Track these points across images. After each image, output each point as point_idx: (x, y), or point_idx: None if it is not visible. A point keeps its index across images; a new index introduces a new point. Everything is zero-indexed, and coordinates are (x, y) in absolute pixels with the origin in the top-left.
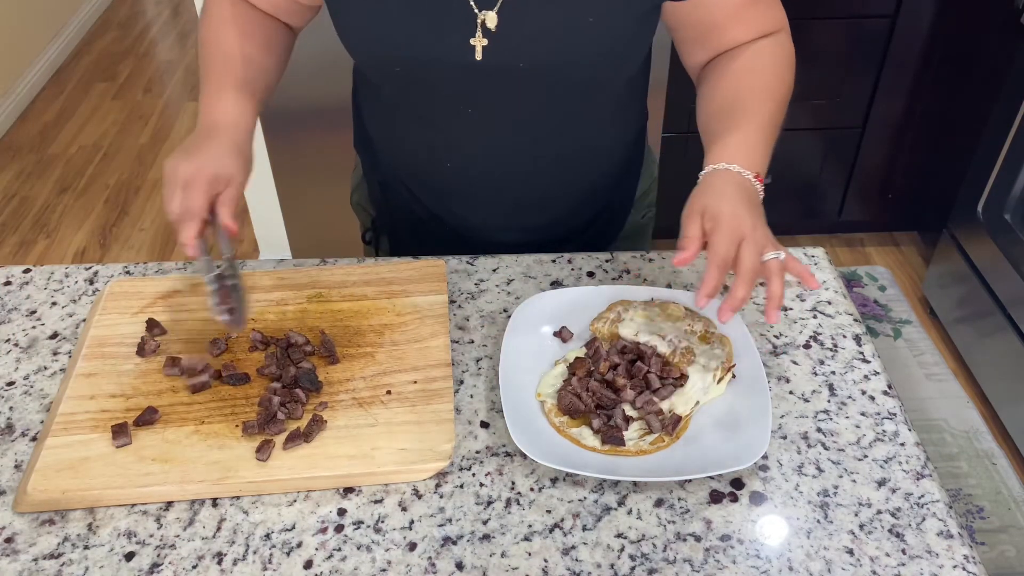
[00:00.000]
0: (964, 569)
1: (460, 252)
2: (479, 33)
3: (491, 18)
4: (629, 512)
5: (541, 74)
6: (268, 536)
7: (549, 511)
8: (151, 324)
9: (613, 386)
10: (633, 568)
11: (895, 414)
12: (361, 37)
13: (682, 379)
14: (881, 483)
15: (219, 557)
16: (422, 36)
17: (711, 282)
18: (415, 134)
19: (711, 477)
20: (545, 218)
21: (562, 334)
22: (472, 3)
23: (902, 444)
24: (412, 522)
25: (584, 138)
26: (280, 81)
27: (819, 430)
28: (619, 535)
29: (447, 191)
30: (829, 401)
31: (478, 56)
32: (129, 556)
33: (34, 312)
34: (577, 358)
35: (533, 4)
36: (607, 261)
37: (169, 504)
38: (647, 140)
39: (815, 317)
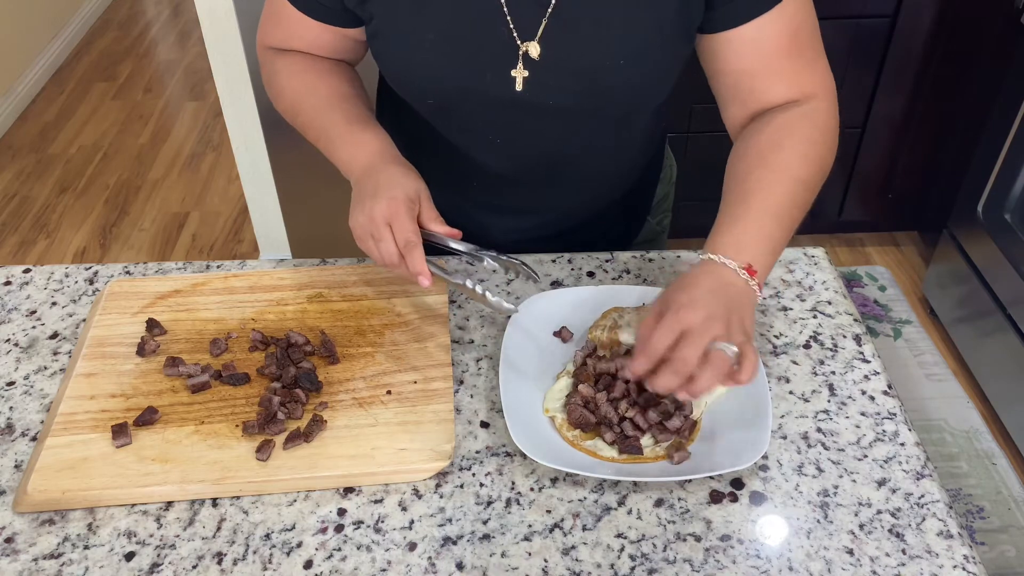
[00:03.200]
0: (964, 569)
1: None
2: (520, 64)
3: (534, 48)
4: (629, 512)
5: (573, 109)
6: (268, 536)
7: (549, 511)
8: (151, 324)
9: (633, 423)
10: (633, 568)
11: (895, 414)
12: (398, 68)
13: None
14: (881, 483)
15: (219, 557)
16: (462, 70)
17: (634, 366)
18: (442, 156)
19: (711, 477)
20: (564, 228)
21: (562, 334)
22: (515, 35)
23: (902, 444)
24: (412, 522)
25: (610, 162)
26: None
27: (819, 430)
28: (619, 535)
29: (469, 206)
30: (829, 401)
31: (518, 87)
32: (129, 556)
33: (34, 312)
34: (580, 367)
35: (570, 38)
36: (607, 261)
37: (169, 504)
38: (666, 147)
39: (815, 317)
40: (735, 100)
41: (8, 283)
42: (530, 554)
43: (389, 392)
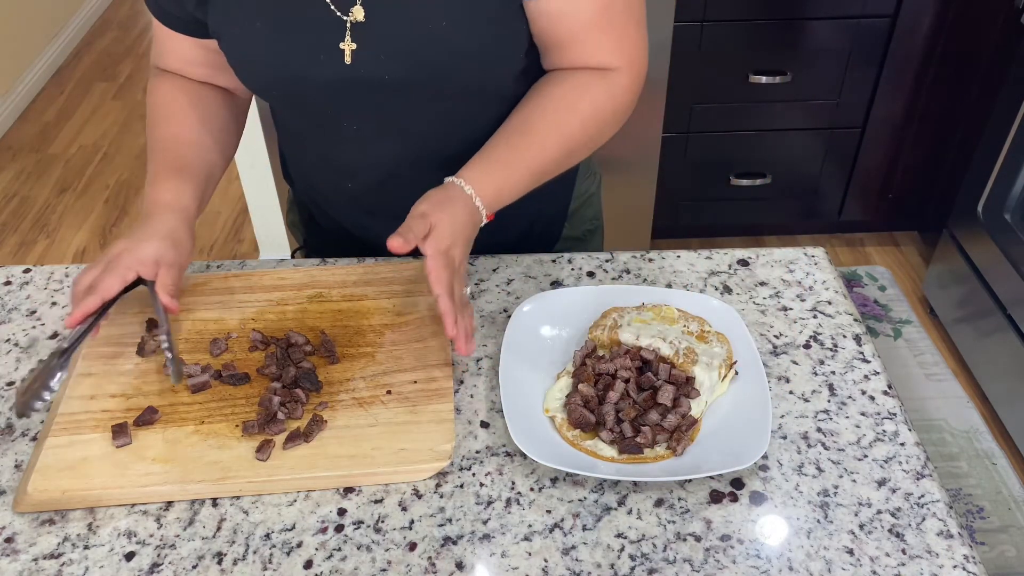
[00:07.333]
0: (964, 569)
1: None
2: (348, 36)
3: (358, 11)
4: (629, 512)
5: (412, 81)
6: (268, 536)
7: (549, 511)
8: (151, 324)
9: (632, 423)
10: (633, 568)
11: (895, 414)
12: (236, 63)
13: (690, 383)
14: (881, 483)
15: (219, 557)
16: (293, 54)
17: (453, 315)
18: (313, 157)
19: (711, 477)
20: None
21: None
22: (334, 9)
23: (902, 444)
24: (412, 522)
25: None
26: (233, 153)
27: (819, 430)
28: (619, 535)
29: (359, 209)
30: (829, 401)
31: (347, 60)
32: (129, 556)
33: (34, 312)
34: (580, 367)
35: (393, 8)
36: (607, 261)
37: (169, 504)
38: (588, 160)
39: (815, 317)
40: (547, 56)
41: (8, 283)
42: (530, 554)
43: (389, 392)
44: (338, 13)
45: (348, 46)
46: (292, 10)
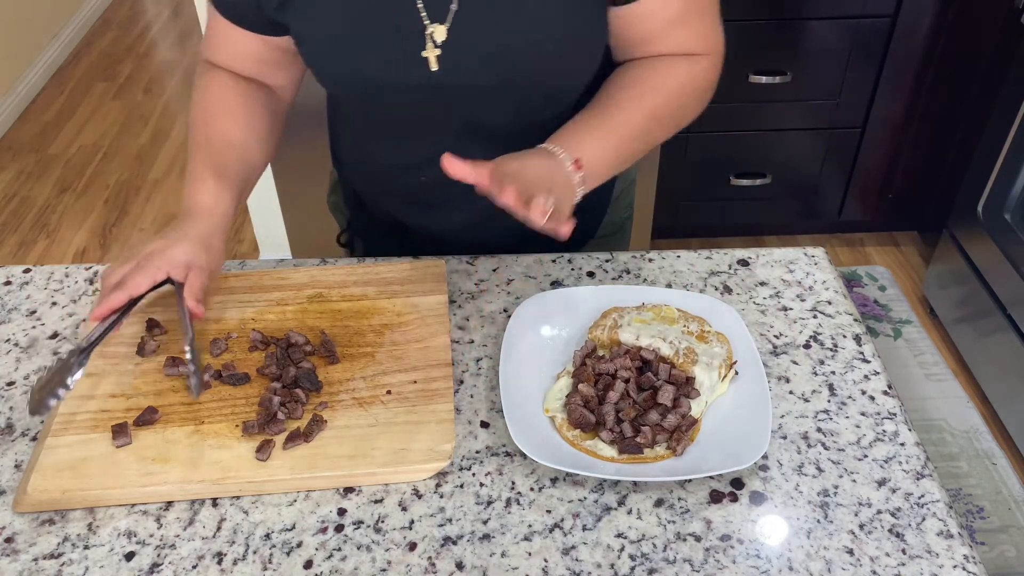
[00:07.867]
0: (964, 569)
1: (437, 255)
2: (429, 44)
3: (440, 31)
4: (629, 512)
5: (496, 85)
6: (268, 536)
7: (549, 511)
8: (151, 324)
9: (632, 423)
10: (633, 568)
11: (895, 414)
12: (322, 69)
13: (690, 383)
14: (881, 483)
15: (219, 557)
16: (375, 56)
17: (512, 193)
18: (384, 150)
19: (711, 477)
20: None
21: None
22: (424, 17)
23: (902, 444)
24: (412, 522)
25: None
26: (272, 157)
27: (819, 430)
28: (619, 535)
29: (421, 201)
30: (829, 401)
31: (432, 67)
32: (129, 556)
33: (34, 312)
34: (580, 367)
35: (481, 22)
36: (607, 261)
37: (169, 504)
38: None
39: (815, 317)
40: (627, 50)
41: (8, 283)
42: (530, 554)
43: (389, 392)
44: (426, 21)
45: (432, 52)
46: (379, 17)
